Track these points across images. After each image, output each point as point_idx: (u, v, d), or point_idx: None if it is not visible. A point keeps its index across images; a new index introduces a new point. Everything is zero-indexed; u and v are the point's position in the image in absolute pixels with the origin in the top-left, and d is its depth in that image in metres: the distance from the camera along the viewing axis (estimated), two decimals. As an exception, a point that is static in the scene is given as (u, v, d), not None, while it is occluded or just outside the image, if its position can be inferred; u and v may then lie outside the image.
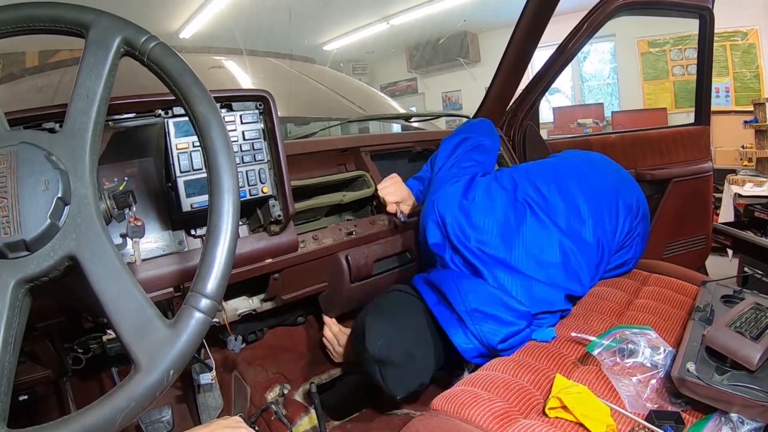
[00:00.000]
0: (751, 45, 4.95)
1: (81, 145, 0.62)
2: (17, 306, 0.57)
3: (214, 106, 0.66)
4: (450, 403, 0.91)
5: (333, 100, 2.36)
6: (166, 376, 0.56)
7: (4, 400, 0.55)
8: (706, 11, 2.08)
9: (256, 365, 1.63)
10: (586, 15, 1.95)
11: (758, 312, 0.97)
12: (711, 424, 0.83)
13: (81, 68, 0.63)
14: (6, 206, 0.57)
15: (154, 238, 1.07)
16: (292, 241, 1.22)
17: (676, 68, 5.48)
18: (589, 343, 1.04)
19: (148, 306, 0.58)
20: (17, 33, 0.65)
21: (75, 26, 0.65)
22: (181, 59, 0.66)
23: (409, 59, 6.56)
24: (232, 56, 2.51)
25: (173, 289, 1.06)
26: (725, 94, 5.12)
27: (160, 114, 1.04)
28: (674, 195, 2.12)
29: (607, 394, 0.94)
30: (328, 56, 4.67)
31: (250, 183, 1.07)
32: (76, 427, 0.52)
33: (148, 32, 0.66)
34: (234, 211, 0.62)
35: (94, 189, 0.61)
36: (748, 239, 2.28)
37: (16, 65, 1.89)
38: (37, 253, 0.58)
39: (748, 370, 0.84)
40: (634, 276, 1.43)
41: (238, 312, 1.34)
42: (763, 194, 3.54)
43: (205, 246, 0.61)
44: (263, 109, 1.13)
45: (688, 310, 1.20)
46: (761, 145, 4.60)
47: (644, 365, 0.98)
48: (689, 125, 2.32)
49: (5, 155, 0.59)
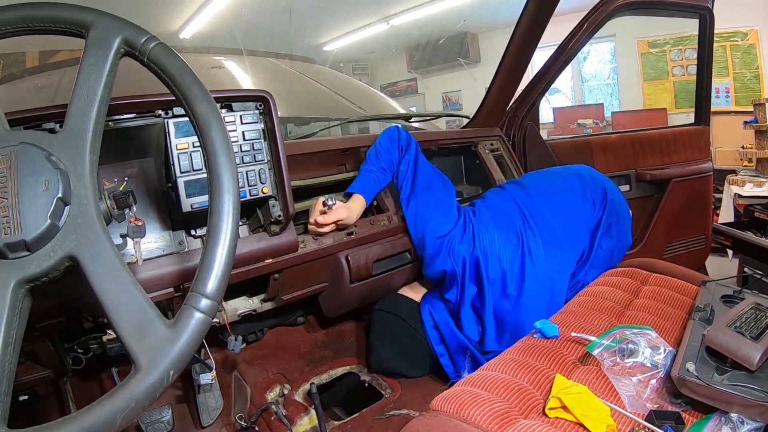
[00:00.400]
0: (751, 45, 4.96)
1: (81, 146, 0.62)
2: (17, 306, 0.57)
3: (214, 106, 0.66)
4: (449, 403, 0.91)
5: (333, 101, 2.36)
6: (166, 376, 0.56)
7: (4, 400, 0.55)
8: (706, 11, 2.08)
9: (256, 365, 1.63)
10: (586, 15, 1.95)
11: (758, 312, 0.97)
12: (711, 424, 0.83)
13: (81, 68, 0.63)
14: (6, 206, 0.57)
15: (154, 238, 1.07)
16: (292, 241, 1.22)
17: (676, 69, 5.48)
18: (589, 343, 1.04)
19: (148, 306, 0.58)
20: (18, 33, 0.66)
21: (75, 26, 0.65)
22: (181, 59, 0.66)
23: (409, 59, 6.57)
24: (232, 56, 2.51)
25: (173, 290, 1.06)
26: (725, 95, 5.12)
27: (160, 114, 1.04)
28: (674, 195, 2.12)
29: (607, 394, 0.93)
30: (328, 56, 4.67)
31: (250, 183, 1.08)
32: (76, 427, 0.52)
33: (148, 32, 0.66)
34: (234, 211, 0.62)
35: (94, 189, 0.61)
36: (748, 240, 2.28)
37: (16, 65, 1.89)
38: (38, 254, 0.58)
39: (748, 370, 0.84)
40: (634, 275, 1.43)
41: (238, 312, 1.34)
42: (763, 195, 3.54)
43: (205, 246, 0.61)
44: (263, 110, 1.13)
45: (688, 309, 1.20)
46: (761, 146, 4.60)
47: (644, 365, 0.98)
48: (689, 125, 2.33)
49: (5, 155, 0.59)
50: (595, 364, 1.02)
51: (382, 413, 1.44)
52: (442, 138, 1.88)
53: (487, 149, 1.98)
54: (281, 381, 1.58)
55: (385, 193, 1.53)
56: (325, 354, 1.74)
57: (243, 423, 1.42)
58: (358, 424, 1.41)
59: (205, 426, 1.44)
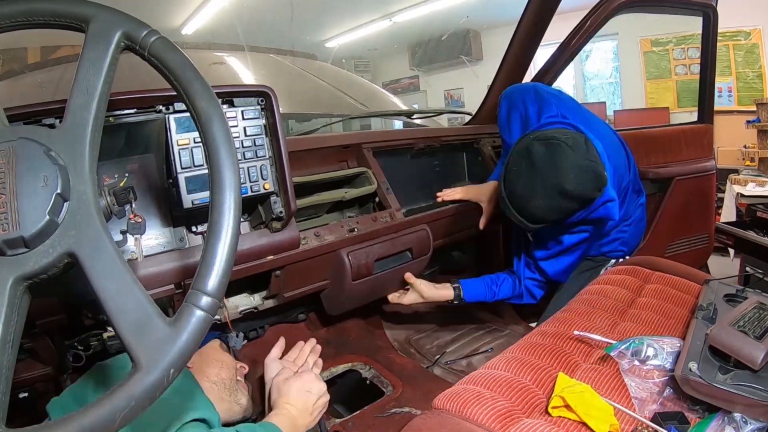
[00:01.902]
0: (754, 45, 4.94)
1: (80, 141, 0.61)
2: (16, 303, 0.56)
3: (216, 101, 0.65)
4: (452, 402, 0.90)
5: (335, 97, 2.35)
6: (167, 375, 0.55)
7: (3, 399, 0.54)
8: (710, 9, 2.07)
9: (257, 362, 1.63)
10: (588, 13, 1.94)
11: (762, 311, 0.97)
12: (714, 424, 0.82)
13: (81, 63, 0.63)
14: (4, 202, 0.57)
15: (154, 234, 1.07)
16: (294, 238, 1.21)
17: (679, 67, 5.47)
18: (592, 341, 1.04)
19: (148, 303, 0.57)
20: (17, 27, 0.65)
21: (75, 20, 0.64)
22: (183, 54, 0.65)
23: (411, 56, 6.56)
24: (234, 52, 2.50)
25: (174, 287, 1.05)
26: (728, 94, 5.10)
27: (160, 109, 1.03)
28: (677, 193, 2.11)
29: (611, 393, 0.93)
30: (330, 53, 4.67)
31: (252, 179, 1.07)
32: (75, 427, 0.52)
33: (148, 26, 0.65)
34: (235, 207, 0.61)
35: (93, 185, 0.61)
36: (750, 239, 2.28)
37: (17, 61, 1.88)
38: (36, 250, 0.57)
39: (752, 370, 0.84)
40: (637, 273, 1.43)
41: (239, 309, 1.33)
42: (765, 194, 3.53)
43: (206, 243, 0.60)
44: (265, 105, 1.12)
45: (690, 308, 1.20)
46: (764, 145, 4.60)
47: (664, 368, 0.97)
48: (692, 123, 2.32)
49: (4, 151, 0.59)
50: (598, 362, 1.02)
51: (384, 411, 1.44)
52: (445, 135, 1.87)
53: (489, 146, 1.97)
54: (282, 378, 1.58)
55: (387, 189, 1.52)
56: (326, 351, 1.73)
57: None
58: (359, 421, 1.41)
59: (205, 423, 1.43)
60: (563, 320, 1.21)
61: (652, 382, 0.94)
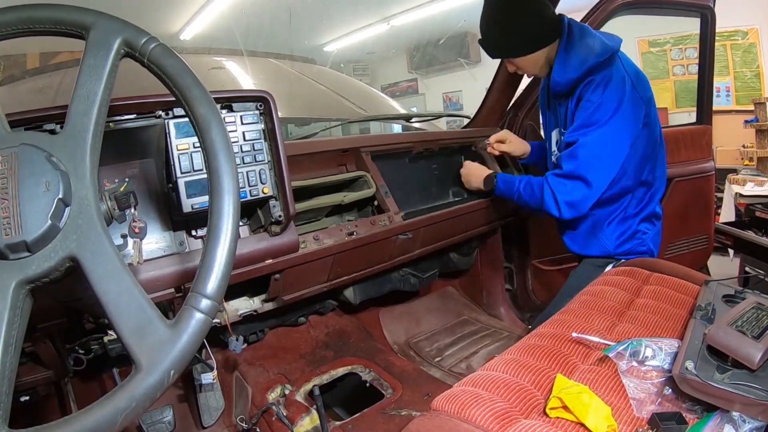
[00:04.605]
0: (751, 44, 4.94)
1: (81, 147, 0.62)
2: (18, 307, 0.57)
3: (214, 106, 0.66)
4: (450, 404, 0.91)
5: (334, 101, 2.36)
6: (167, 377, 0.56)
7: (6, 401, 0.55)
8: (708, 10, 2.08)
9: (257, 366, 1.64)
10: (586, 14, 1.95)
11: (760, 311, 0.97)
12: (712, 423, 0.83)
13: (81, 70, 0.64)
14: (7, 207, 0.57)
15: (154, 238, 1.07)
16: (293, 241, 1.22)
17: (677, 68, 5.47)
18: (590, 343, 1.04)
19: (148, 306, 0.58)
20: (18, 35, 0.66)
21: (75, 28, 0.65)
22: (181, 60, 0.66)
23: (409, 60, 6.56)
24: (233, 57, 2.51)
25: (174, 290, 1.06)
26: (726, 94, 5.10)
27: (160, 115, 1.04)
28: (676, 194, 2.11)
29: (609, 393, 0.93)
30: (329, 57, 4.67)
31: (251, 183, 1.08)
32: (77, 428, 0.53)
33: (148, 33, 0.66)
34: (234, 211, 0.62)
35: (94, 190, 0.61)
36: (750, 239, 2.28)
37: (17, 67, 1.89)
38: (38, 254, 0.58)
39: (750, 369, 0.84)
40: (635, 275, 1.43)
41: (239, 312, 1.34)
42: (764, 194, 3.53)
43: (206, 247, 0.61)
44: (263, 110, 1.13)
45: (689, 309, 1.20)
46: (762, 145, 4.60)
47: (662, 368, 0.97)
48: (691, 124, 2.32)
49: (6, 156, 0.59)
50: (596, 363, 1.02)
51: (383, 413, 1.44)
52: (443, 138, 1.88)
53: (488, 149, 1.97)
54: (282, 381, 1.59)
55: (385, 193, 1.53)
56: (326, 354, 1.74)
57: (244, 425, 1.42)
58: (359, 424, 1.42)
59: (206, 426, 1.44)
60: (561, 322, 1.21)
61: (651, 383, 0.94)
